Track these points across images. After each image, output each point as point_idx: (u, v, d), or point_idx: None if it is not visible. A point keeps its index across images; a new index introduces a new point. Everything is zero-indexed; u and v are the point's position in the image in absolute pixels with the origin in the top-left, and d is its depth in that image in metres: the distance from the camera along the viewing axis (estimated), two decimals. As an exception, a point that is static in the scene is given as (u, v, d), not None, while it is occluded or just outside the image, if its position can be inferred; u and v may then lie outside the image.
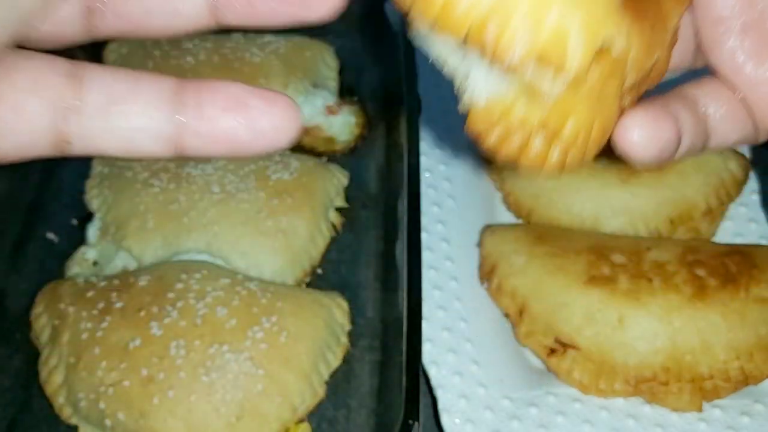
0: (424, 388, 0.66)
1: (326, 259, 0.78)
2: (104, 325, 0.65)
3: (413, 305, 0.64)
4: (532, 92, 0.35)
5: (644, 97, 0.41)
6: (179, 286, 0.68)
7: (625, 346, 0.67)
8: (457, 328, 0.71)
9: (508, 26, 0.32)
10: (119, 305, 0.66)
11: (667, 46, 0.39)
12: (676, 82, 0.44)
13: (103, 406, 0.63)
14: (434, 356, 0.69)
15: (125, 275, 0.71)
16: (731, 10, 0.41)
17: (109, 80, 0.32)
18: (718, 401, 0.67)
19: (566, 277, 0.70)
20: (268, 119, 0.32)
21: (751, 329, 0.66)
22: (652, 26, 0.38)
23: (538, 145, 0.37)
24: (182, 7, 0.33)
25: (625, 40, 0.35)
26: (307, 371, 0.65)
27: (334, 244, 0.79)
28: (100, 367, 0.63)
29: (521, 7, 0.32)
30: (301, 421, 0.66)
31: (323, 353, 0.68)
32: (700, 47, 0.44)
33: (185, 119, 0.32)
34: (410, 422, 0.58)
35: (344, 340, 0.70)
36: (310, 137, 0.89)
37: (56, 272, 0.76)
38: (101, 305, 0.67)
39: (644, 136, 0.39)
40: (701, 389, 0.66)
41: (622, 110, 0.38)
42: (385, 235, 0.80)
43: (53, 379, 0.66)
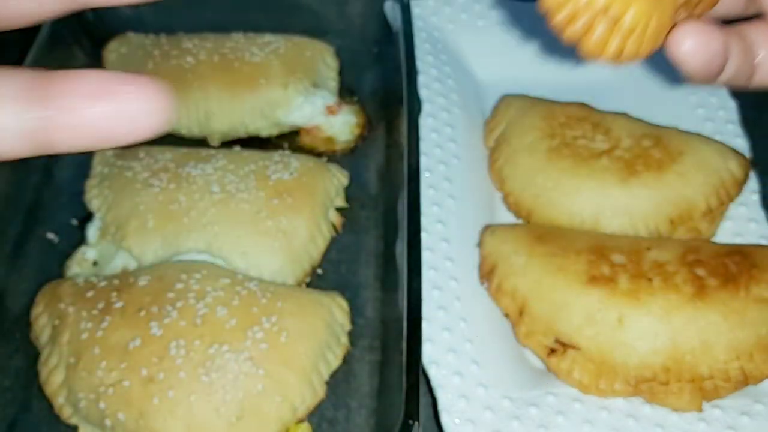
0: (424, 388, 0.66)
1: (326, 259, 0.78)
2: (104, 325, 0.65)
3: (413, 305, 0.64)
4: None
5: None
6: (179, 286, 0.68)
7: (625, 346, 0.67)
8: (457, 328, 0.71)
9: None
10: (119, 305, 0.66)
11: None
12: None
13: (103, 406, 0.63)
14: (434, 356, 0.69)
15: (125, 275, 0.71)
16: None
17: None
18: (718, 401, 0.67)
19: (566, 277, 0.70)
20: (137, 105, 0.31)
21: (751, 329, 0.66)
22: None
23: (600, 30, 0.42)
24: None
25: None
26: (307, 371, 0.65)
27: (334, 244, 0.79)
28: (100, 367, 0.63)
29: None
30: (301, 421, 0.66)
31: (323, 353, 0.68)
32: None
33: (49, 112, 0.30)
34: (410, 422, 0.58)
35: (344, 340, 0.70)
36: (310, 137, 0.89)
37: (56, 272, 0.76)
38: (101, 305, 0.67)
39: (694, 45, 0.45)
40: (701, 389, 0.66)
41: (675, 23, 0.44)
42: (385, 235, 0.80)
43: (53, 379, 0.66)
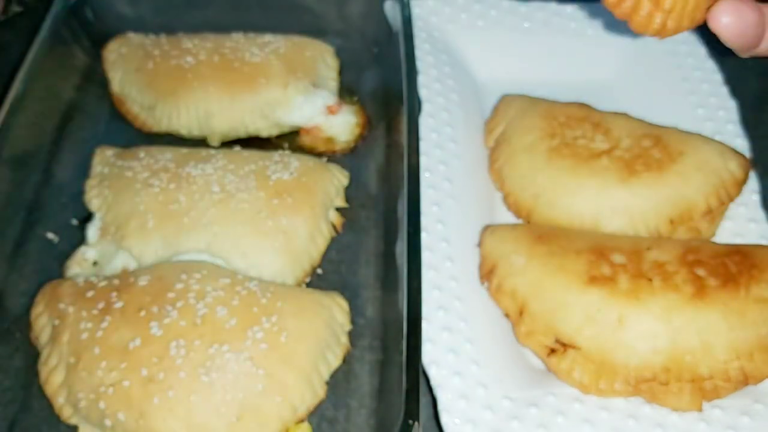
0: (424, 388, 0.66)
1: (326, 259, 0.78)
2: (104, 325, 0.65)
3: (413, 305, 0.64)
4: None
5: None
6: (179, 286, 0.68)
7: (625, 346, 0.67)
8: (457, 328, 0.71)
9: None
10: (119, 305, 0.66)
11: None
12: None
13: (103, 406, 0.63)
14: (434, 356, 0.69)
15: (125, 275, 0.71)
16: None
17: None
18: (718, 401, 0.67)
19: (566, 277, 0.70)
20: None
21: (751, 329, 0.66)
22: None
23: (645, 9, 0.58)
24: None
25: None
26: (307, 371, 0.65)
27: (334, 244, 0.79)
28: (100, 367, 0.63)
29: None
30: (301, 420, 0.66)
31: (323, 353, 0.68)
32: None
33: None
34: (410, 422, 0.58)
35: (344, 340, 0.70)
36: (310, 137, 0.89)
37: (56, 272, 0.76)
38: (101, 305, 0.67)
39: (730, 21, 0.57)
40: (701, 389, 0.66)
41: (717, 1, 0.58)
42: (385, 235, 0.80)
43: (53, 379, 0.66)
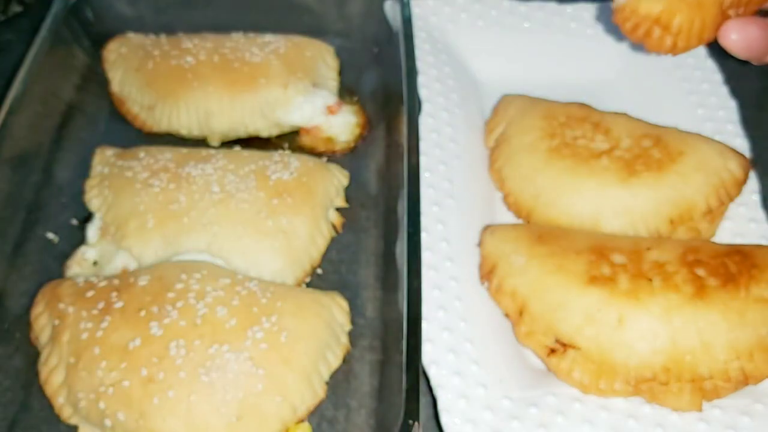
0: (424, 388, 0.66)
1: (326, 259, 0.78)
2: (104, 325, 0.65)
3: (413, 305, 0.64)
4: None
5: None
6: (179, 286, 0.68)
7: (625, 346, 0.67)
8: (457, 328, 0.71)
9: None
10: (119, 305, 0.66)
11: None
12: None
13: (103, 405, 0.63)
14: (434, 356, 0.69)
15: (125, 275, 0.71)
16: None
17: None
18: (718, 401, 0.67)
19: (566, 277, 0.70)
20: None
21: (751, 329, 0.66)
22: None
23: (656, 33, 0.68)
24: None
25: None
26: (307, 371, 0.65)
27: (334, 244, 0.79)
28: (100, 367, 0.63)
29: None
30: (301, 420, 0.66)
31: (323, 353, 0.68)
32: None
33: None
34: (410, 422, 0.58)
35: (344, 340, 0.70)
36: (310, 137, 0.89)
37: (56, 272, 0.76)
38: (101, 305, 0.67)
39: (737, 38, 0.68)
40: (701, 389, 0.66)
41: (727, 18, 0.68)
42: (385, 235, 0.80)
43: (53, 379, 0.66)
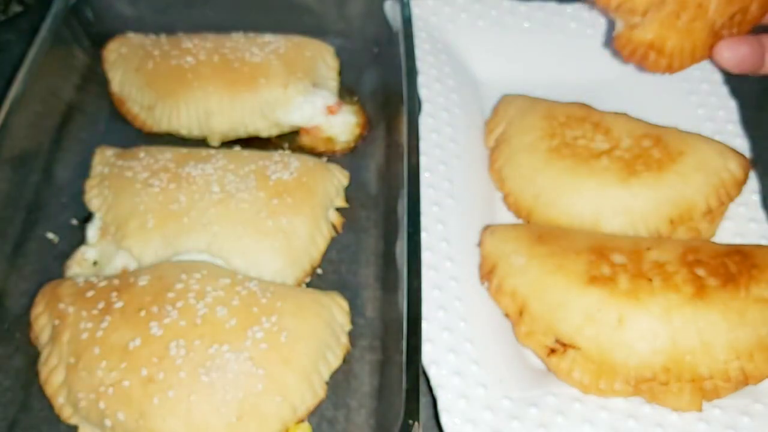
0: (424, 388, 0.66)
1: (326, 259, 0.78)
2: (104, 325, 0.65)
3: (413, 305, 0.64)
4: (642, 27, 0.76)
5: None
6: (179, 286, 0.68)
7: (625, 346, 0.67)
8: (457, 328, 0.71)
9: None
10: (119, 305, 0.66)
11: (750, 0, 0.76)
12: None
13: (103, 405, 0.63)
14: (434, 356, 0.69)
15: (125, 275, 0.71)
16: None
17: None
18: (718, 401, 0.67)
19: (566, 277, 0.70)
20: None
21: (751, 329, 0.66)
22: None
23: (652, 57, 0.77)
24: None
25: None
26: (307, 371, 0.65)
27: (334, 244, 0.79)
28: (100, 367, 0.63)
29: None
30: (301, 420, 0.66)
31: (323, 353, 0.68)
32: None
33: None
34: (410, 422, 0.58)
35: (344, 340, 0.70)
36: (310, 137, 0.89)
37: (56, 272, 0.76)
38: (101, 305, 0.67)
39: (729, 56, 0.76)
40: (701, 389, 0.66)
41: (720, 38, 0.77)
42: (385, 235, 0.80)
43: (53, 379, 0.66)
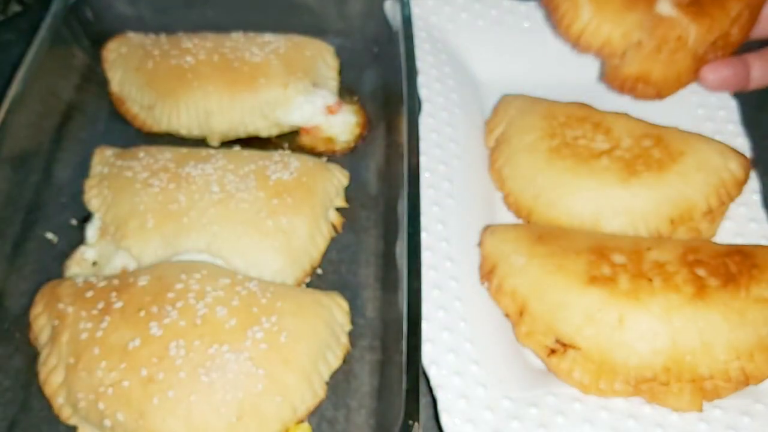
0: (424, 388, 0.66)
1: (326, 259, 0.78)
2: (104, 325, 0.65)
3: (413, 305, 0.64)
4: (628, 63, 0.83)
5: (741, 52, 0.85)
6: (179, 286, 0.68)
7: (625, 346, 0.67)
8: (457, 328, 0.71)
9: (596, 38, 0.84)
10: (119, 305, 0.66)
11: (730, 25, 0.82)
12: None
13: (102, 406, 0.63)
14: (434, 356, 0.69)
15: (125, 275, 0.71)
16: None
17: None
18: (718, 401, 0.67)
19: (566, 277, 0.70)
20: None
21: (751, 329, 0.66)
22: (712, 17, 0.81)
23: (640, 88, 0.83)
24: None
25: (684, 31, 0.80)
26: (307, 371, 0.65)
27: (334, 244, 0.79)
28: (99, 367, 0.63)
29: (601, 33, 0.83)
30: (301, 421, 0.66)
31: (323, 353, 0.67)
32: None
33: None
34: (410, 422, 0.58)
35: (344, 340, 0.70)
36: (310, 137, 0.89)
37: (55, 272, 0.76)
38: (101, 305, 0.67)
39: (715, 78, 0.83)
40: (702, 389, 0.66)
41: (706, 61, 0.83)
42: (385, 235, 0.80)
43: (52, 379, 0.66)
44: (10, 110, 0.78)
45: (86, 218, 0.79)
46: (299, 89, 0.87)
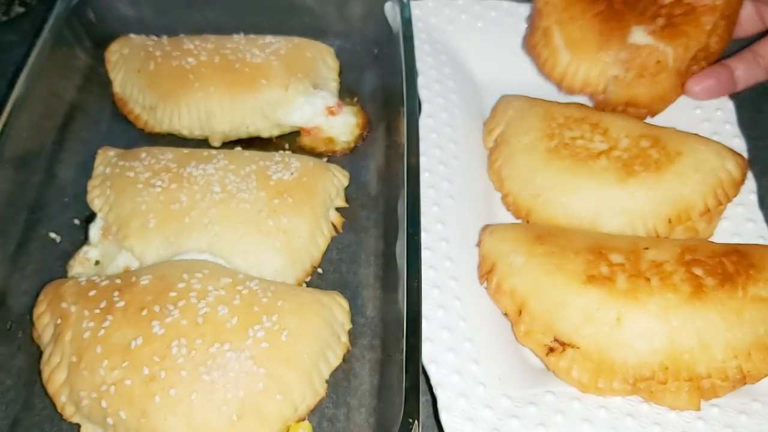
0: (423, 386, 0.66)
1: (326, 258, 0.79)
2: (106, 324, 0.66)
3: (413, 304, 0.64)
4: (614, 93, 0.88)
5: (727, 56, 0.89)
6: (181, 285, 0.68)
7: (623, 345, 0.67)
8: (456, 327, 0.71)
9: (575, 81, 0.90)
10: (121, 304, 0.67)
11: (707, 38, 0.86)
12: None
13: (105, 404, 0.63)
14: (434, 355, 0.69)
15: (127, 274, 0.71)
16: None
17: None
18: (716, 400, 0.68)
19: (565, 276, 0.70)
20: None
21: (748, 328, 0.67)
22: (687, 36, 0.85)
23: (632, 110, 0.87)
24: None
25: (661, 55, 0.85)
26: (307, 370, 0.66)
27: (334, 243, 0.80)
28: (102, 365, 0.64)
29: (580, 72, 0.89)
30: (301, 419, 0.66)
31: (324, 352, 0.68)
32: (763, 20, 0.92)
33: None
34: (410, 421, 0.58)
35: (345, 339, 0.71)
36: (310, 138, 0.89)
37: (58, 272, 0.76)
38: (103, 304, 0.67)
39: (700, 88, 0.87)
40: (699, 388, 0.67)
41: (691, 74, 0.88)
42: (385, 235, 0.81)
43: (55, 378, 0.66)
44: (13, 111, 0.78)
45: (89, 218, 0.79)
46: (300, 90, 0.87)
